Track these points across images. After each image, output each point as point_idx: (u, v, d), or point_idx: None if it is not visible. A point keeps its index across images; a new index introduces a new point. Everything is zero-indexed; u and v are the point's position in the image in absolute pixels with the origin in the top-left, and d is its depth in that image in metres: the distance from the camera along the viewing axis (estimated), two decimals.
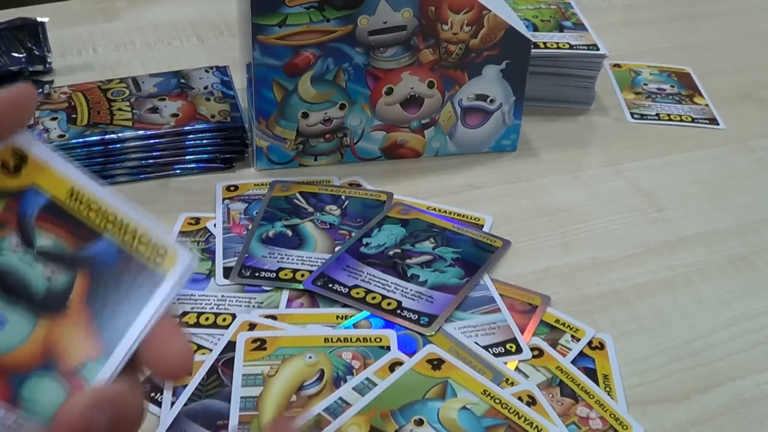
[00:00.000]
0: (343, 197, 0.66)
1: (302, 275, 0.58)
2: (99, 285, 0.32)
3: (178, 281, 0.32)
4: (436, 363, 0.52)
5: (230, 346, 0.53)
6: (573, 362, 0.54)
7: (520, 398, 0.50)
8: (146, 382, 0.48)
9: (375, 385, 0.50)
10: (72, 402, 0.30)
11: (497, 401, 0.50)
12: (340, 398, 0.49)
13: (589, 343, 0.55)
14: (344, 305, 0.56)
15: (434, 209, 0.66)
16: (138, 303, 0.31)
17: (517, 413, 0.49)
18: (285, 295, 0.57)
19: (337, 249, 0.61)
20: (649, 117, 0.80)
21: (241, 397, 0.49)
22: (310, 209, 0.65)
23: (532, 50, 0.70)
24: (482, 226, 0.65)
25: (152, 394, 0.49)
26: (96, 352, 0.31)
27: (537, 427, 0.48)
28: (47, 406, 0.30)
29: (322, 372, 0.51)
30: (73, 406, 0.29)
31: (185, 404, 0.49)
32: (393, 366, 0.52)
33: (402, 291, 0.57)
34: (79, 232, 0.32)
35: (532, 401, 0.50)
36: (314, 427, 0.48)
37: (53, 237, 0.32)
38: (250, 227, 0.63)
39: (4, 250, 0.32)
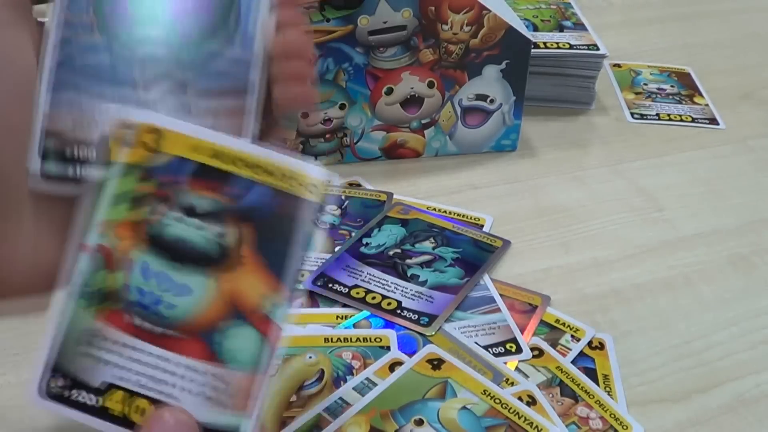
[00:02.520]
0: (343, 197, 0.66)
1: (302, 275, 0.58)
2: (264, 230, 0.34)
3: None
4: (436, 363, 0.52)
5: None
6: (573, 362, 0.54)
7: (520, 398, 0.50)
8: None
9: (375, 385, 0.50)
10: None
11: (497, 401, 0.50)
12: (340, 398, 0.49)
13: (589, 343, 0.55)
14: (344, 305, 0.56)
15: (434, 209, 0.66)
16: (304, 234, 0.34)
17: (518, 413, 0.49)
18: None
19: (337, 249, 0.61)
20: (649, 117, 0.80)
21: None
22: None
23: (532, 50, 0.70)
24: (482, 226, 0.65)
25: None
26: (279, 294, 0.34)
27: (537, 427, 0.48)
28: (248, 354, 0.33)
29: (322, 372, 0.51)
30: None
31: None
32: (393, 366, 0.52)
33: (402, 291, 0.57)
34: (232, 187, 0.34)
35: (532, 401, 0.50)
36: (313, 428, 0.48)
37: (210, 198, 0.34)
38: None
39: (170, 222, 0.34)
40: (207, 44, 0.35)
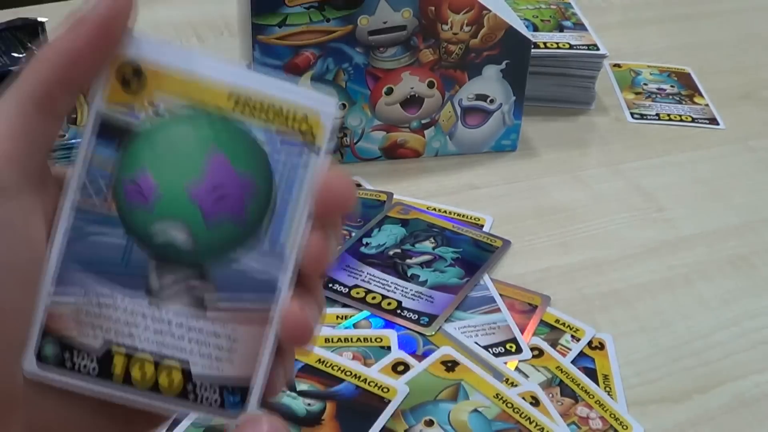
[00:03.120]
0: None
1: None
2: (344, 405, 0.44)
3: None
4: (450, 365, 0.52)
5: None
6: (573, 362, 0.54)
7: (523, 398, 0.50)
8: None
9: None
10: None
11: (509, 405, 0.50)
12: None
13: (589, 343, 0.55)
14: (344, 305, 0.56)
15: (434, 209, 0.66)
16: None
17: (528, 418, 0.49)
18: None
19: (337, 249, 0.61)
20: (649, 117, 0.80)
21: None
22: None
23: (532, 50, 0.70)
24: (482, 226, 0.65)
25: None
26: None
27: (547, 431, 0.48)
28: None
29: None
30: None
31: None
32: (396, 366, 0.52)
33: (402, 291, 0.57)
34: (328, 378, 0.42)
35: (535, 402, 0.50)
36: None
37: (309, 383, 0.41)
38: None
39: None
40: (234, 249, 0.32)
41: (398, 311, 0.56)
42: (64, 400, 0.31)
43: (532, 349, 0.54)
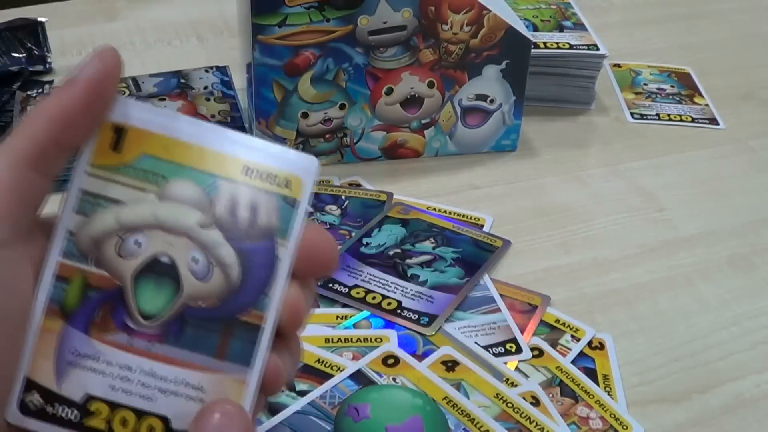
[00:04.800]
0: (343, 197, 0.66)
1: None
2: None
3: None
4: (450, 365, 0.52)
5: None
6: (573, 362, 0.54)
7: (523, 398, 0.50)
8: None
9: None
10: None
11: (509, 405, 0.50)
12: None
13: (589, 343, 0.55)
14: (344, 305, 0.56)
15: (434, 209, 0.66)
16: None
17: (529, 418, 0.49)
18: None
19: None
20: (649, 117, 0.80)
21: None
22: (310, 209, 0.65)
23: (532, 50, 0.70)
24: (482, 226, 0.65)
25: None
26: None
27: (546, 431, 0.48)
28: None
29: None
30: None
31: None
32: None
33: (402, 291, 0.57)
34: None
35: (535, 402, 0.50)
36: None
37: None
38: None
39: None
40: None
41: (398, 311, 0.56)
42: None
43: (532, 349, 0.54)
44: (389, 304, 0.56)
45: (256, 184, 0.33)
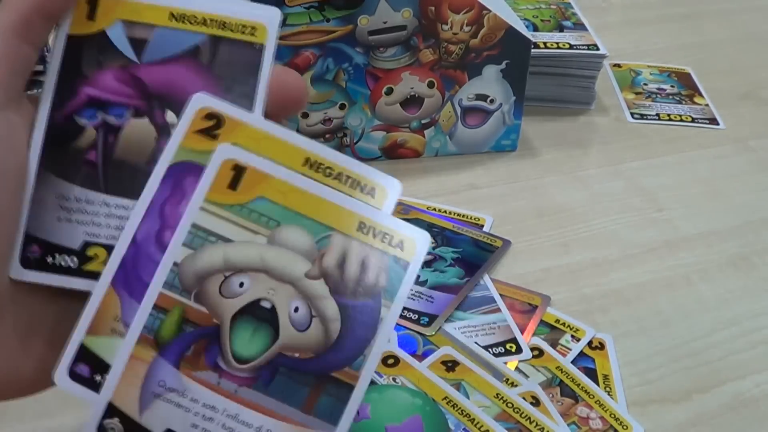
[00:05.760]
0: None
1: None
2: None
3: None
4: (451, 365, 0.52)
5: None
6: (573, 362, 0.54)
7: (523, 398, 0.50)
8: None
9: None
10: None
11: (509, 405, 0.50)
12: None
13: (589, 343, 0.55)
14: None
15: (434, 209, 0.66)
16: None
17: (529, 418, 0.49)
18: None
19: None
20: (649, 117, 0.80)
21: None
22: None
23: (532, 50, 0.70)
24: (482, 226, 0.65)
25: None
26: None
27: (546, 431, 0.48)
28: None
29: None
30: None
31: None
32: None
33: None
34: None
35: (535, 402, 0.50)
36: None
37: None
38: None
39: None
40: None
41: None
42: (46, 297, 0.33)
43: (532, 349, 0.54)
44: None
45: (369, 242, 0.32)
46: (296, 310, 0.32)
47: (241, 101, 0.33)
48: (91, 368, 0.32)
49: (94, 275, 0.32)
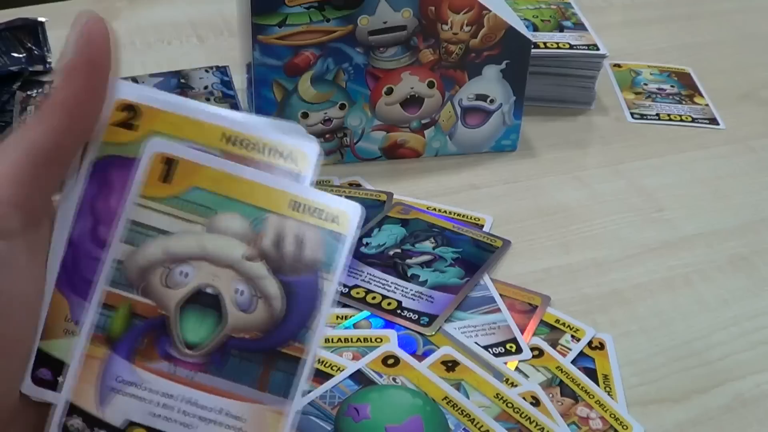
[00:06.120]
0: (343, 197, 0.66)
1: None
2: None
3: None
4: (451, 365, 0.52)
5: None
6: (573, 362, 0.54)
7: (523, 398, 0.50)
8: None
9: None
10: None
11: (509, 405, 0.50)
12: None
13: (589, 343, 0.55)
14: (344, 305, 0.56)
15: (434, 209, 0.66)
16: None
17: (529, 418, 0.49)
18: None
19: None
20: (649, 117, 0.80)
21: None
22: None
23: (532, 50, 0.70)
24: (482, 226, 0.65)
25: None
26: None
27: (547, 431, 0.48)
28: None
29: None
30: None
31: None
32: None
33: (402, 291, 0.57)
34: None
35: (535, 402, 0.50)
36: None
37: None
38: None
39: None
40: None
41: (398, 311, 0.56)
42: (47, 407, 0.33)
43: (532, 349, 0.54)
44: (389, 304, 0.56)
45: (303, 219, 0.33)
46: (240, 293, 0.33)
47: None
48: (52, 372, 0.32)
49: None
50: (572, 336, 0.55)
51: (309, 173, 0.34)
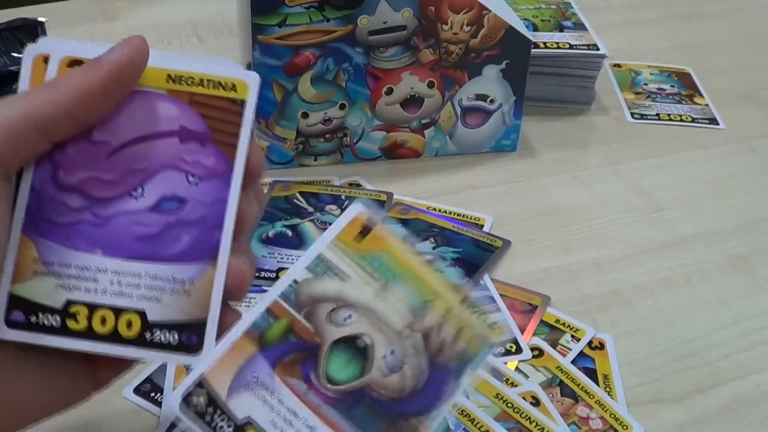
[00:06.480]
0: (343, 197, 0.66)
1: None
2: None
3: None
4: None
5: None
6: (573, 362, 0.54)
7: (523, 398, 0.50)
8: (147, 381, 0.49)
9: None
10: None
11: (509, 405, 0.50)
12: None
13: (589, 343, 0.55)
14: None
15: (434, 209, 0.66)
16: None
17: (529, 418, 0.49)
18: None
19: None
20: (649, 117, 0.80)
21: None
22: (310, 209, 0.65)
23: (532, 50, 0.70)
24: (482, 226, 0.65)
25: (152, 395, 0.49)
26: None
27: (547, 431, 0.48)
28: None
29: None
30: None
31: None
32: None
33: None
34: None
35: (535, 402, 0.50)
36: None
37: None
38: None
39: None
40: None
41: None
42: (27, 357, 0.34)
43: (532, 349, 0.54)
44: None
45: (465, 316, 0.37)
46: (391, 353, 0.36)
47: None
48: (24, 313, 0.34)
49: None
50: (572, 336, 0.55)
51: (251, 99, 0.36)
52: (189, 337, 0.35)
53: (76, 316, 0.34)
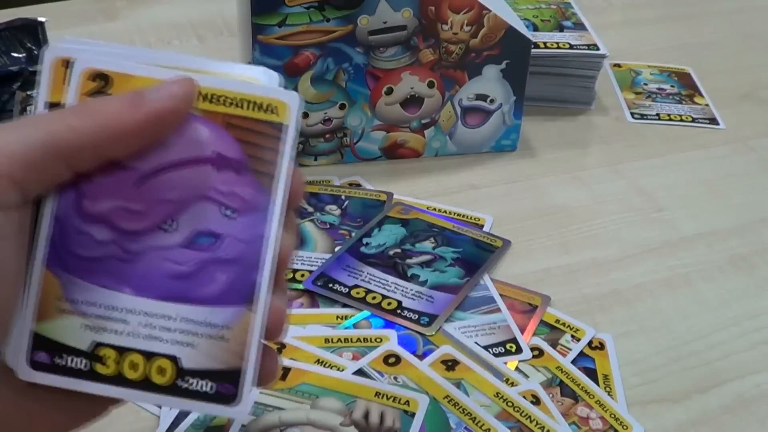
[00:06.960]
0: (343, 197, 0.66)
1: (302, 275, 0.58)
2: None
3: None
4: (451, 364, 0.52)
5: None
6: (573, 362, 0.54)
7: (523, 397, 0.50)
8: None
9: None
10: None
11: (509, 404, 0.50)
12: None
13: (589, 343, 0.55)
14: (344, 305, 0.56)
15: (434, 209, 0.66)
16: None
17: (529, 416, 0.49)
18: None
19: (337, 249, 0.61)
20: (649, 117, 0.80)
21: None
22: (310, 209, 0.65)
23: (532, 50, 0.70)
24: (482, 226, 0.65)
25: None
26: None
27: (548, 430, 0.48)
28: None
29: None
30: None
31: None
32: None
33: (402, 291, 0.57)
34: None
35: (536, 401, 0.50)
36: None
37: None
38: None
39: None
40: None
41: (398, 311, 0.56)
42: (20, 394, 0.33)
43: (532, 349, 0.54)
44: (389, 304, 0.56)
45: (384, 402, 0.47)
46: None
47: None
48: (49, 354, 0.32)
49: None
50: (572, 336, 0.55)
51: (292, 123, 0.33)
52: (226, 386, 0.33)
53: (105, 360, 0.32)
